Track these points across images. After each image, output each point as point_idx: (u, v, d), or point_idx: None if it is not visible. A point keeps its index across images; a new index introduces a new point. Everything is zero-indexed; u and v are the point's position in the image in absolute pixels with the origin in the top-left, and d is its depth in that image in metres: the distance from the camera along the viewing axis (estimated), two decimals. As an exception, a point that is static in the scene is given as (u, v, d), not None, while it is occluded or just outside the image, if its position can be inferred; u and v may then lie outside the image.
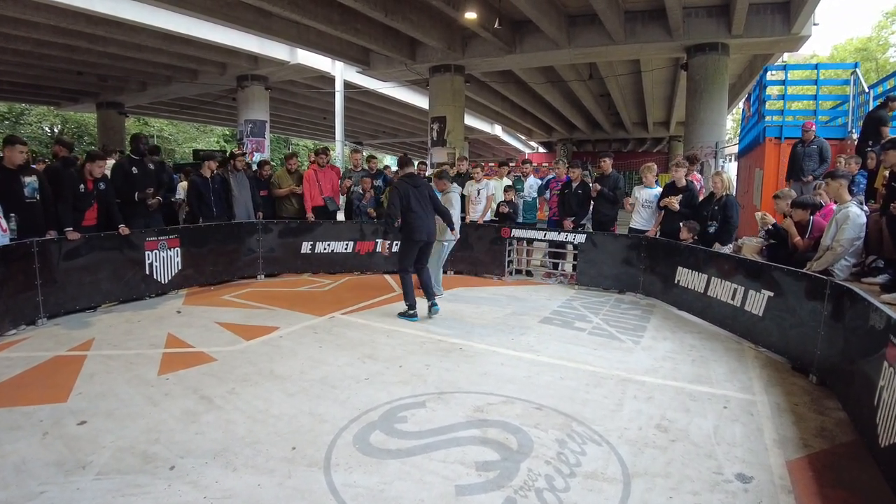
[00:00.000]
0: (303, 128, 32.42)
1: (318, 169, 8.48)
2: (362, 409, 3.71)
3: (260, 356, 4.76)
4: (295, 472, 2.94)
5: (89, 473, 2.94)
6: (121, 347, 4.97)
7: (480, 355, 4.81)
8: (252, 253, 7.95)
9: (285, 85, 19.58)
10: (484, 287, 7.71)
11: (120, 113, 23.14)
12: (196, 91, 20.24)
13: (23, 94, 23.37)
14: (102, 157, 6.34)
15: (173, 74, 18.78)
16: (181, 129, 39.60)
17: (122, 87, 20.91)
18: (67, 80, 19.49)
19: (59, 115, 33.74)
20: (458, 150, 15.40)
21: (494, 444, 3.23)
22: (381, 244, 6.43)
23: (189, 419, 3.57)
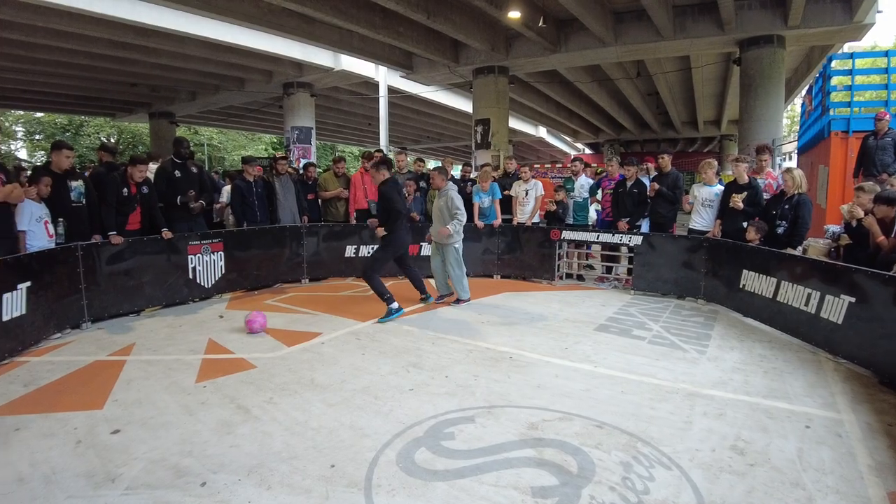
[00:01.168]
0: (347, 134, 32.66)
1: (364, 172, 8.36)
2: (406, 423, 3.44)
3: (301, 363, 4.57)
4: (333, 492, 2.70)
5: (118, 487, 2.79)
6: (160, 353, 4.87)
7: (532, 366, 4.49)
8: (296, 257, 7.87)
9: (330, 91, 19.67)
10: (533, 292, 7.36)
11: (171, 122, 23.73)
12: (243, 99, 20.56)
13: (81, 107, 24.26)
14: (144, 162, 6.32)
15: (221, 83, 19.10)
16: (230, 138, 40.57)
17: (173, 97, 21.44)
18: (122, 92, 20.09)
19: (114, 125, 35.02)
20: (502, 153, 15.08)
21: (552, 467, 2.92)
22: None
23: (224, 430, 3.39)
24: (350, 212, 8.34)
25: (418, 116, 25.21)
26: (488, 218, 8.16)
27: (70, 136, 35.37)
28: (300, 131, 18.31)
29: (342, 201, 8.39)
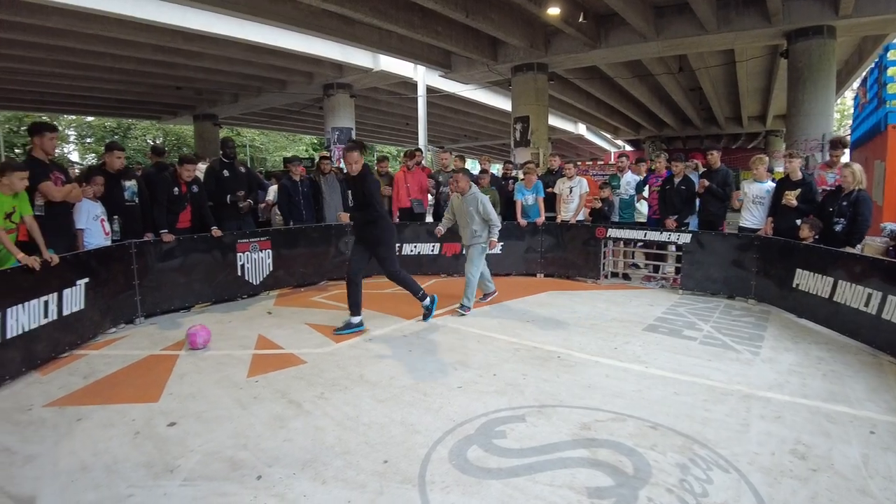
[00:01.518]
0: (386, 134, 32.90)
1: (406, 171, 8.38)
2: (457, 420, 3.43)
3: (349, 360, 4.60)
4: (387, 488, 2.71)
5: (177, 478, 2.85)
6: (212, 348, 4.97)
7: (582, 365, 4.42)
8: (341, 255, 7.90)
9: (369, 92, 19.84)
10: (577, 291, 7.25)
11: (215, 124, 24.31)
12: (285, 101, 20.90)
13: (129, 110, 25.08)
14: (192, 161, 6.47)
15: (262, 85, 19.46)
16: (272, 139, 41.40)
17: (216, 100, 21.95)
18: (167, 95, 20.68)
19: (160, 128, 36.16)
20: (542, 150, 14.96)
21: (606, 468, 2.86)
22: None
23: (277, 424, 3.43)
24: (393, 210, 8.37)
25: (456, 115, 25.21)
26: (531, 216, 8.07)
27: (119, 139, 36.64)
28: (340, 132, 18.50)
29: (385, 199, 8.43)
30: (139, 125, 37.51)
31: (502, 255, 8.17)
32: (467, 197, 6.11)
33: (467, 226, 6.13)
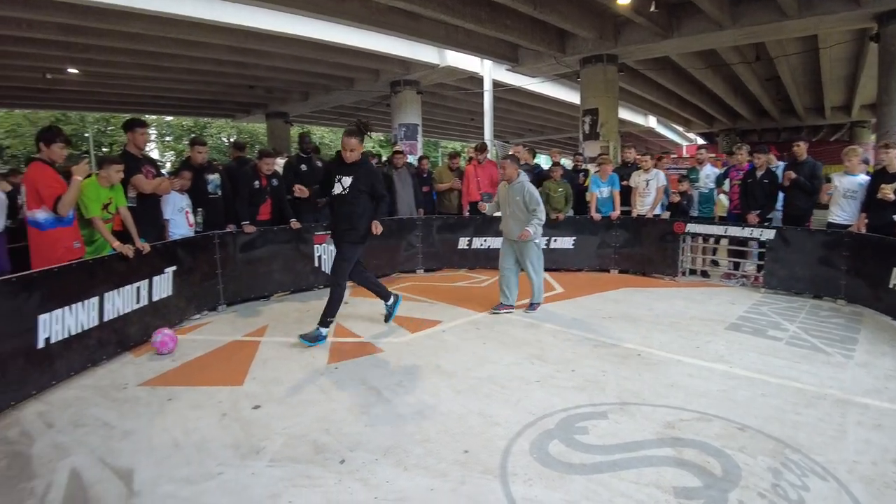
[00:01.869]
0: (451, 130, 32.98)
1: (477, 164, 8.37)
2: (537, 414, 3.39)
3: (425, 349, 4.65)
4: (469, 478, 2.71)
5: (263, 459, 2.95)
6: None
7: (663, 364, 4.28)
8: (412, 248, 8.03)
9: (435, 88, 19.90)
10: (654, 288, 7.02)
11: (286, 122, 25.06)
12: (352, 98, 21.27)
13: (204, 109, 26.17)
14: (271, 155, 6.69)
15: (331, 83, 19.85)
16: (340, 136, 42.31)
17: (287, 98, 22.58)
18: (240, 94, 21.43)
19: (234, 126, 37.57)
20: (612, 143, 14.60)
21: (694, 468, 2.76)
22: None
23: (359, 410, 3.51)
24: (463, 204, 8.39)
25: (521, 109, 24.94)
26: (605, 210, 7.88)
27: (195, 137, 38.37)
28: (407, 128, 18.67)
29: (455, 193, 8.47)
30: (214, 123, 39.11)
31: (574, 251, 8.03)
32: (514, 185, 5.73)
33: (514, 217, 5.72)
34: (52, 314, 3.94)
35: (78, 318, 4.19)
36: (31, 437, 3.25)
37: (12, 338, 3.63)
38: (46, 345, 3.88)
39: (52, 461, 2.95)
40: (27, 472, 2.86)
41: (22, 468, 2.90)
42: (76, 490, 2.68)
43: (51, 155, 4.37)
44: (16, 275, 3.79)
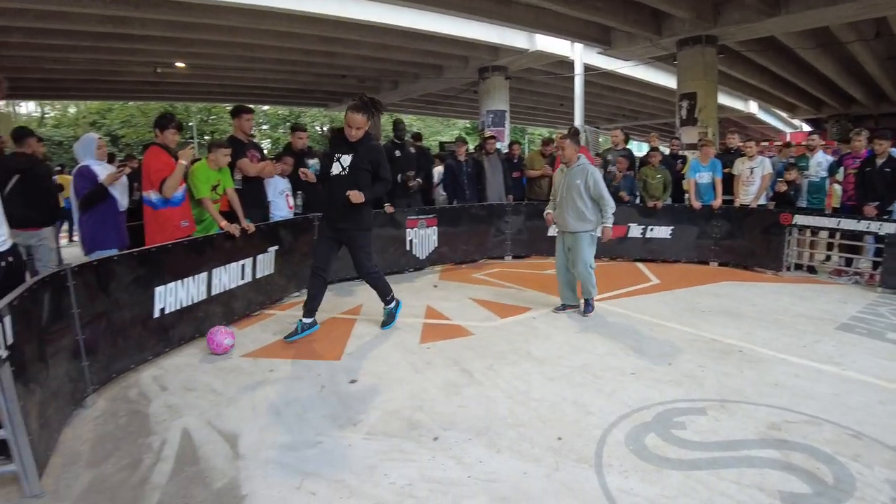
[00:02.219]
0: (539, 116, 32.52)
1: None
2: (632, 406, 3.30)
3: (516, 335, 4.63)
4: (563, 465, 2.68)
5: (360, 431, 3.05)
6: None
7: (766, 362, 4.03)
8: (501, 234, 8.01)
9: (524, 73, 19.65)
10: (756, 283, 6.61)
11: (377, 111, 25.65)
12: (441, 86, 21.40)
13: (297, 99, 27.23)
14: None
15: (420, 71, 20.04)
16: (427, 124, 42.82)
17: (377, 87, 23.04)
18: (331, 84, 22.09)
19: (327, 115, 38.85)
20: (710, 129, 13.85)
21: (802, 473, 2.59)
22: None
23: (451, 391, 3.55)
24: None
25: (614, 94, 24.14)
26: (706, 197, 7.49)
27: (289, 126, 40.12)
28: (494, 115, 18.58)
29: (547, 180, 8.34)
30: (308, 112, 40.61)
31: (672, 241, 7.69)
32: (574, 169, 5.08)
33: (572, 204, 5.04)
34: (167, 287, 4.24)
35: (189, 292, 4.48)
36: (148, 398, 3.54)
37: (132, 307, 3.94)
38: (161, 315, 4.19)
39: (165, 420, 3.21)
40: (145, 428, 3.13)
41: (140, 425, 3.17)
42: (187, 448, 2.89)
43: (165, 140, 4.71)
44: (136, 250, 4.11)
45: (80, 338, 3.42)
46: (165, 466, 2.72)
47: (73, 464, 2.76)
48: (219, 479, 2.60)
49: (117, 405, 3.45)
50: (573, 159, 5.10)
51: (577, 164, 5.10)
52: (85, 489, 2.54)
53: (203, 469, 2.69)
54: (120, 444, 2.94)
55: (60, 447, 2.92)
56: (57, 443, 2.94)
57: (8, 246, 2.96)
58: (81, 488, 2.55)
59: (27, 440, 2.46)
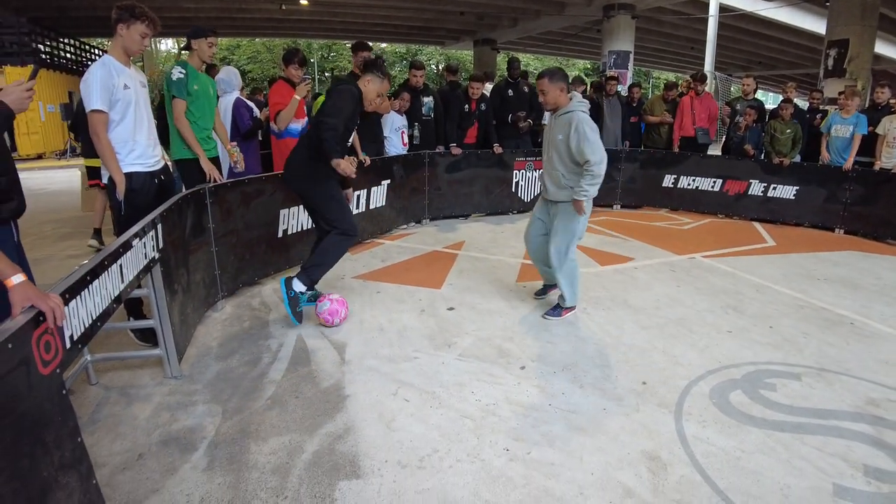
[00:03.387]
0: (666, 59, 30.54)
1: (694, 96, 7.78)
2: (723, 362, 3.29)
3: (614, 283, 4.67)
4: (643, 407, 2.77)
5: (453, 352, 3.32)
6: (486, 252, 5.49)
7: (880, 337, 3.79)
8: (612, 181, 7.76)
9: (652, 13, 18.42)
10: (888, 255, 6.02)
11: (493, 49, 25.22)
12: (562, 24, 20.60)
13: (417, 36, 27.38)
14: (480, 80, 6.86)
15: (542, 8, 19.37)
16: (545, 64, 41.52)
17: (496, 25, 22.60)
18: (451, 21, 21.94)
19: (443, 53, 38.76)
20: (861, 82, 12.37)
21: (892, 451, 2.49)
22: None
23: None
24: (674, 139, 7.88)
25: (751, 38, 22.06)
26: (841, 154, 6.80)
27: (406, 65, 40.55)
28: (617, 56, 17.67)
29: (666, 127, 7.98)
30: (424, 50, 40.70)
31: (795, 202, 7.07)
32: (560, 118, 3.70)
33: (551, 165, 3.82)
34: (290, 210, 4.67)
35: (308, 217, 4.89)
36: (269, 308, 4.02)
37: (260, 227, 4.39)
38: (283, 235, 4.65)
39: (283, 328, 3.65)
40: (265, 332, 3.59)
41: (261, 329, 3.63)
42: (301, 353, 3.30)
43: (289, 74, 5.03)
44: (264, 174, 4.53)
45: (214, 250, 3.90)
46: (281, 365, 3.13)
47: (204, 356, 3.25)
48: (326, 380, 2.96)
49: (242, 311, 3.94)
50: (560, 103, 3.69)
51: (564, 110, 3.67)
52: (214, 377, 3.00)
53: (313, 370, 3.07)
54: (243, 344, 3.41)
55: (195, 341, 3.43)
56: (192, 337, 3.45)
57: (161, 166, 3.42)
58: (211, 376, 3.01)
59: (171, 330, 2.93)
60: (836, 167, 6.82)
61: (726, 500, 2.13)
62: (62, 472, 1.52)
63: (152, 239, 2.78)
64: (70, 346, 1.71)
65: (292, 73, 5.03)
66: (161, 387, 2.89)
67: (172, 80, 3.70)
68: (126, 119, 3.12)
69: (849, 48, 12.54)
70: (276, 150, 5.10)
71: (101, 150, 3.04)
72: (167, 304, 2.91)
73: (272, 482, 2.15)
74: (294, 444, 2.40)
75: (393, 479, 2.18)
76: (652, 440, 2.50)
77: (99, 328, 1.98)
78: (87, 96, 2.97)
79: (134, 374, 3.02)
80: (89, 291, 1.91)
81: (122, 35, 3.03)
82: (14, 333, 1.38)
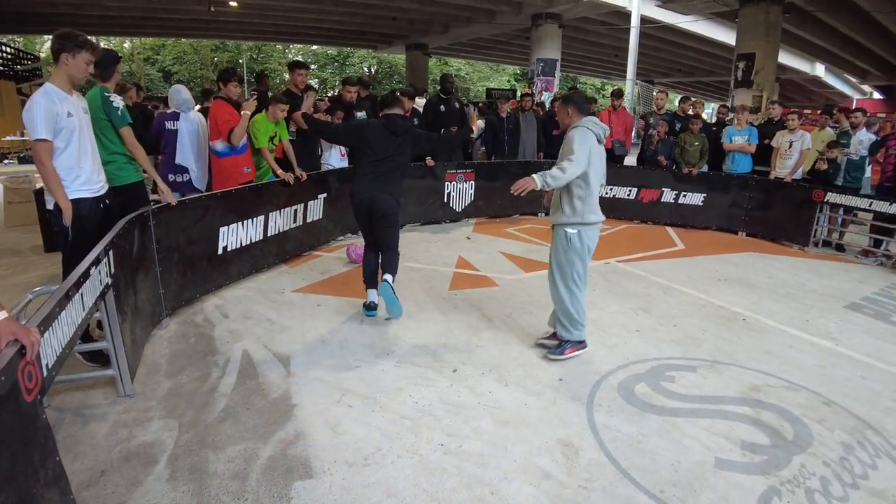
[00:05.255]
0: (592, 66, 31.84)
1: (612, 111, 8.37)
2: (630, 358, 3.75)
3: (537, 289, 5.04)
4: (559, 400, 3.17)
5: (392, 360, 3.63)
6: (421, 262, 5.82)
7: (766, 332, 4.38)
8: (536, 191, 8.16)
9: (578, 22, 19.29)
10: (780, 256, 6.80)
11: (425, 54, 25.64)
12: (492, 31, 21.22)
13: (349, 40, 27.44)
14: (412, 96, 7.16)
15: (472, 16, 19.88)
16: (476, 69, 42.27)
17: (428, 30, 22.98)
18: (384, 25, 22.16)
19: (375, 56, 38.79)
20: (766, 93, 13.51)
21: (766, 429, 2.98)
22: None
23: (471, 332, 4.08)
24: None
25: (670, 48, 23.45)
26: (741, 165, 7.61)
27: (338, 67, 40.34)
28: (545, 63, 18.42)
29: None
30: (356, 53, 40.59)
31: (703, 208, 7.86)
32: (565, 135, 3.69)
33: None
34: (230, 227, 4.81)
35: (248, 232, 5.06)
36: (213, 324, 4.17)
37: (200, 244, 4.53)
38: (224, 252, 4.79)
39: (228, 343, 3.83)
40: (211, 348, 3.75)
41: (207, 345, 3.80)
42: (248, 366, 3.50)
43: (227, 92, 5.17)
44: (204, 194, 4.67)
45: (158, 269, 4.03)
46: (230, 379, 3.33)
47: (154, 373, 3.40)
48: (274, 391, 3.19)
49: (187, 328, 4.09)
50: (566, 123, 3.73)
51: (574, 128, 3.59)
52: (167, 393, 3.17)
53: (261, 383, 3.29)
54: (191, 360, 3.57)
55: (144, 360, 3.57)
56: (141, 356, 3.59)
57: (105, 190, 3.54)
58: (164, 392, 3.17)
59: (123, 351, 3.08)
60: (738, 175, 7.60)
61: (627, 477, 2.53)
62: (47, 488, 1.72)
63: (105, 266, 2.92)
64: (46, 373, 1.89)
65: (231, 91, 5.16)
66: (115, 405, 3.03)
67: (114, 108, 3.77)
68: (70, 146, 3.20)
69: (755, 61, 13.64)
70: (217, 169, 5.19)
71: (47, 178, 3.13)
72: (119, 326, 3.06)
73: (233, 487, 2.38)
74: (249, 451, 2.63)
75: (342, 477, 2.46)
76: (566, 429, 2.88)
77: (68, 354, 2.16)
78: (30, 126, 3.05)
79: (86, 395, 3.14)
80: (59, 322, 2.09)
81: (66, 64, 3.12)
82: (5, 367, 1.58)
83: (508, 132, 8.02)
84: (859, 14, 16.08)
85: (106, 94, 3.77)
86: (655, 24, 18.04)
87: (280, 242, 5.54)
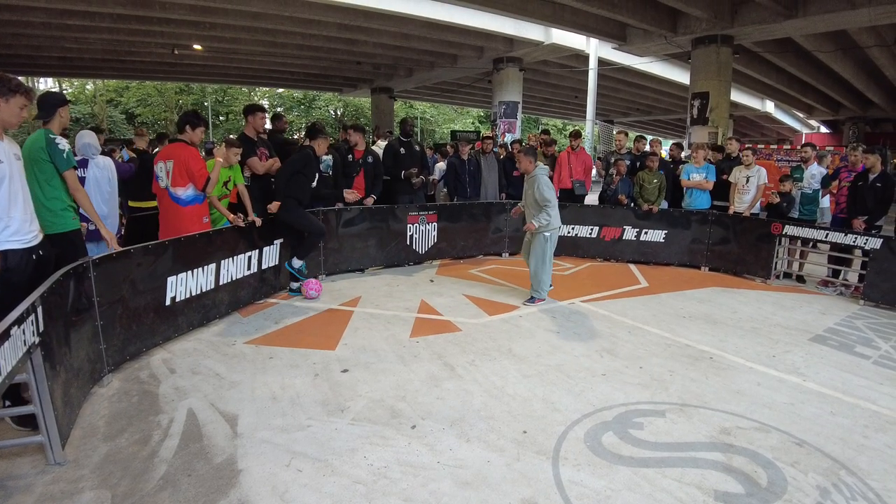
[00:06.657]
0: (553, 107, 32.62)
1: (571, 151, 8.43)
2: (597, 405, 3.60)
3: (500, 333, 4.93)
4: (524, 455, 2.99)
5: (346, 417, 3.39)
6: (381, 307, 5.61)
7: (733, 370, 4.30)
8: (499, 232, 8.23)
9: (538, 65, 19.80)
10: (743, 290, 6.83)
11: (390, 97, 25.94)
12: (456, 75, 21.63)
13: (314, 83, 27.63)
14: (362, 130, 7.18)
15: (436, 60, 20.26)
16: (441, 112, 43.01)
17: (392, 74, 23.34)
18: (348, 70, 22.42)
19: (341, 100, 39.19)
20: (721, 130, 13.96)
21: (739, 475, 2.86)
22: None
23: (432, 383, 3.88)
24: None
25: (628, 88, 24.21)
26: (699, 201, 7.73)
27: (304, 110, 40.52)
28: (507, 106, 18.76)
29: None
30: (323, 97, 40.98)
31: (665, 244, 7.92)
32: (529, 178, 5.85)
33: (528, 209, 5.88)
34: (178, 277, 4.57)
35: (198, 281, 4.82)
36: (158, 380, 3.90)
37: (146, 295, 4.28)
38: (172, 303, 4.53)
39: (173, 401, 3.57)
40: (154, 407, 3.48)
41: (151, 404, 3.53)
42: (192, 427, 3.24)
43: (192, 137, 5.01)
44: (151, 243, 4.41)
45: (99, 323, 3.77)
46: (172, 442, 3.07)
47: (91, 437, 3.12)
48: (219, 455, 2.94)
49: (130, 385, 3.81)
50: (529, 170, 5.85)
51: (533, 174, 5.80)
52: (101, 460, 2.89)
53: (205, 446, 3.04)
54: (132, 421, 3.30)
55: (80, 421, 3.28)
56: (77, 417, 3.30)
57: (39, 240, 3.30)
58: (98, 459, 2.90)
59: (53, 415, 2.81)
60: (697, 211, 7.67)
61: (594, 539, 2.36)
62: None
63: (32, 324, 2.68)
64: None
65: (197, 135, 5.02)
66: (43, 475, 2.75)
67: (59, 151, 3.57)
68: (0, 195, 3.00)
69: (709, 99, 14.12)
70: (177, 217, 4.94)
71: (-29, 229, 2.91)
72: (49, 387, 2.79)
73: (158, 573, 2.13)
74: (183, 528, 2.38)
75: (283, 556, 2.23)
76: (530, 487, 2.71)
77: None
78: (-43, 173, 2.85)
79: (12, 463, 2.85)
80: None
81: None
82: None
83: (470, 174, 8.01)
84: (803, 54, 16.86)
85: (51, 136, 3.59)
86: (613, 66, 18.60)
87: (233, 290, 5.30)
